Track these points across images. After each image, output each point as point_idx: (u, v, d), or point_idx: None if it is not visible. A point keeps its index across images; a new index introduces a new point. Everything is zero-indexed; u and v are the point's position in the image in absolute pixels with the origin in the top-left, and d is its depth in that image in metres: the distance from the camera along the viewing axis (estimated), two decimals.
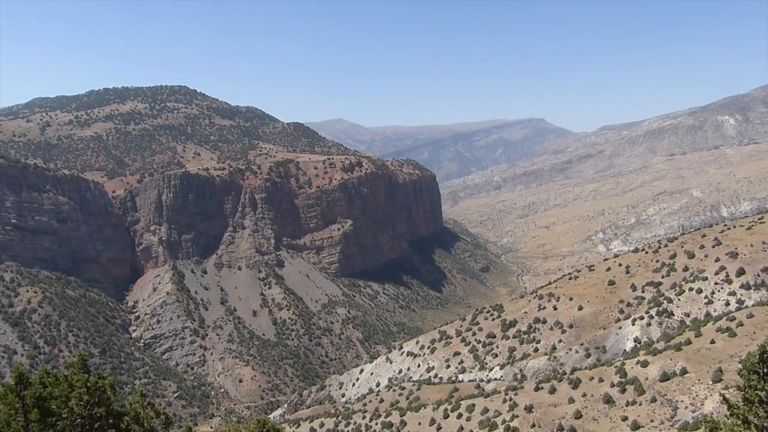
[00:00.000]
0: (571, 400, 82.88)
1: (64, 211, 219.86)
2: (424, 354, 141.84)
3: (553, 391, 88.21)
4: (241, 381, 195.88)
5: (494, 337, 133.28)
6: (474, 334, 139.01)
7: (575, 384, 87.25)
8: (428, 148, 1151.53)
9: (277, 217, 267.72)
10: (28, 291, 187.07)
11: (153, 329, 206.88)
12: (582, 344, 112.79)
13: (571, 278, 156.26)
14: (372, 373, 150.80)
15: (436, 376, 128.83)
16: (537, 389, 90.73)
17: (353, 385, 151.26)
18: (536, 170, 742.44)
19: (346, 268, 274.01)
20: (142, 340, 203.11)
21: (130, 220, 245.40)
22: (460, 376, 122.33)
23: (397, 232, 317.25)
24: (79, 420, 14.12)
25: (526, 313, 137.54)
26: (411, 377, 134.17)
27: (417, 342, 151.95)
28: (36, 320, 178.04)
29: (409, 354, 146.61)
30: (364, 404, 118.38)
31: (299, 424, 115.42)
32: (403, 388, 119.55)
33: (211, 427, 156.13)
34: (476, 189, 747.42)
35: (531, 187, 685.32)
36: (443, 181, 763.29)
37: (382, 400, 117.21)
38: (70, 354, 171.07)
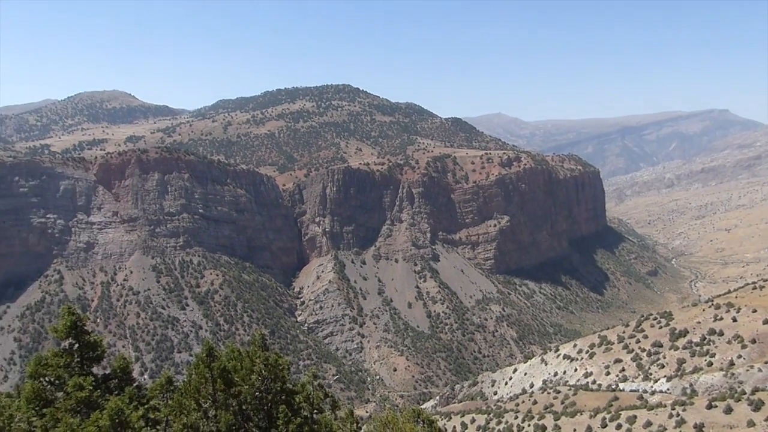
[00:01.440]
0: (751, 423, 74.26)
1: (241, 202, 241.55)
2: (582, 358, 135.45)
3: (729, 410, 79.73)
4: (395, 370, 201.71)
5: (661, 346, 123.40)
6: (638, 341, 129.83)
7: (757, 406, 78.04)
8: (592, 143, 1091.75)
9: (434, 211, 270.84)
10: (211, 274, 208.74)
11: (316, 314, 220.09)
12: (767, 362, 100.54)
13: (755, 288, 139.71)
14: (526, 374, 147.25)
15: (594, 382, 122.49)
16: (710, 407, 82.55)
17: (506, 383, 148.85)
18: (716, 167, 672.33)
19: (502, 265, 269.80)
20: (306, 324, 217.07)
21: (298, 212, 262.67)
22: (621, 385, 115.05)
23: (556, 230, 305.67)
24: (257, 393, 15.60)
25: (699, 323, 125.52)
26: (567, 381, 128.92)
27: (574, 345, 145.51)
28: (217, 300, 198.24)
29: (566, 357, 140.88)
30: (517, 404, 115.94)
31: (450, 418, 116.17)
32: (558, 392, 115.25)
33: (367, 412, 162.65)
34: (645, 186, 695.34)
35: (709, 185, 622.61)
36: (608, 177, 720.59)
37: (535, 402, 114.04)
38: (245, 332, 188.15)
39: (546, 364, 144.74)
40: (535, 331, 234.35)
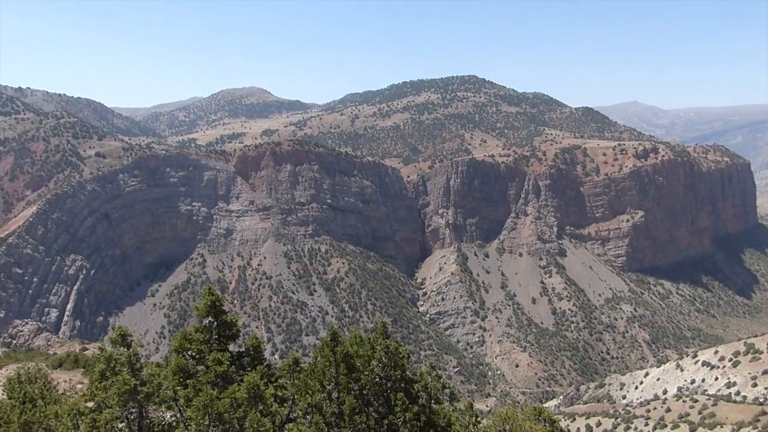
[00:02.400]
0: None
1: (367, 193, 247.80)
2: (724, 367, 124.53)
3: None
4: (517, 366, 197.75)
5: None
6: None
7: None
8: (742, 132, 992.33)
9: (561, 204, 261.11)
10: (337, 262, 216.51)
11: (438, 306, 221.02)
12: None
13: None
14: (658, 379, 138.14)
15: (738, 393, 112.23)
16: None
17: (636, 388, 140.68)
18: None
19: (634, 263, 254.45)
20: (427, 315, 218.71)
21: (421, 203, 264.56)
22: None
23: (696, 227, 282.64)
24: (377, 379, 16.07)
25: None
26: (705, 390, 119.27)
27: (716, 352, 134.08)
28: (343, 287, 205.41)
29: (705, 364, 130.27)
30: (648, 410, 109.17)
31: (574, 419, 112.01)
32: (696, 401, 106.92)
33: (487, 406, 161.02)
34: None
35: None
36: (760, 170, 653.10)
37: (669, 410, 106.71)
38: (369, 320, 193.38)
39: (682, 371, 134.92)
40: (670, 334, 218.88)
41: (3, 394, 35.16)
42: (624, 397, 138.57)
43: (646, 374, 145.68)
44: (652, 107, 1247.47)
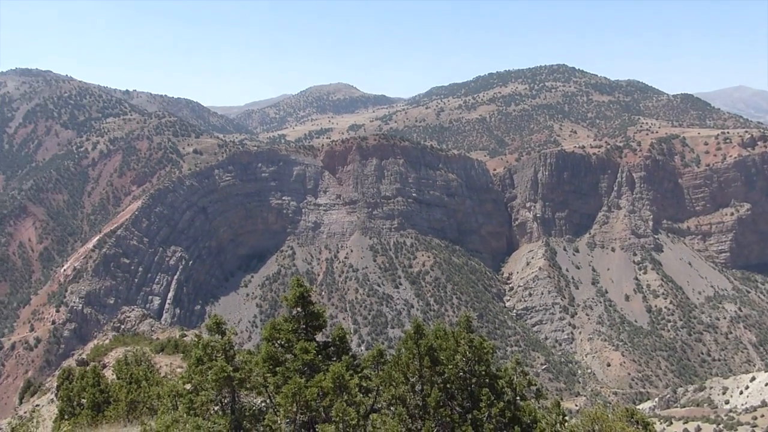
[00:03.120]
0: None
1: (452, 186, 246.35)
2: None
3: None
4: (608, 365, 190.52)
5: None
6: None
7: None
8: None
9: (657, 197, 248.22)
10: (423, 255, 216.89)
11: (525, 301, 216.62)
12: None
13: None
14: (767, 384, 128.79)
15: None
16: None
17: (741, 393, 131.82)
18: None
19: (739, 259, 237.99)
20: (514, 311, 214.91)
21: (508, 197, 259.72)
22: None
23: None
24: (461, 374, 16.00)
25: None
26: None
27: None
28: (428, 281, 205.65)
29: None
30: (754, 417, 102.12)
31: (671, 423, 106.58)
32: None
33: (576, 405, 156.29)
34: None
35: None
36: None
37: None
38: (454, 314, 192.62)
39: None
40: None
41: (113, 375, 38.02)
42: (727, 402, 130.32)
43: (753, 378, 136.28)
44: (761, 91, 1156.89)
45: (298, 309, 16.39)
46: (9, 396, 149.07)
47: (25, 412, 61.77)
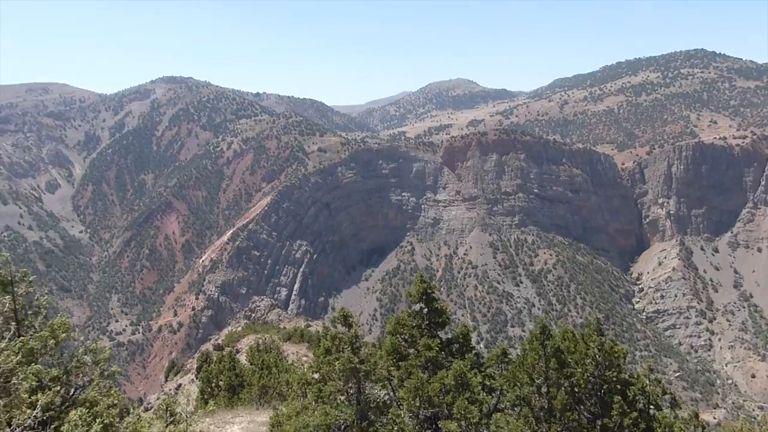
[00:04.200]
0: None
1: (576, 182, 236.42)
2: None
3: None
4: (753, 376, 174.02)
5: None
6: None
7: None
8: None
9: None
10: (545, 253, 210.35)
11: (656, 304, 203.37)
12: None
13: None
14: None
15: None
16: None
17: None
18: None
19: None
20: (644, 313, 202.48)
21: (638, 192, 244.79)
22: None
23: None
24: (590, 378, 15.36)
25: None
26: None
27: None
28: (550, 280, 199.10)
29: None
30: None
31: None
32: None
33: (714, 418, 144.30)
34: None
35: None
36: None
37: None
38: (578, 314, 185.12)
39: None
40: None
41: (246, 360, 40.62)
42: None
43: None
44: None
45: (422, 305, 16.54)
46: (156, 374, 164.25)
47: (170, 389, 67.66)
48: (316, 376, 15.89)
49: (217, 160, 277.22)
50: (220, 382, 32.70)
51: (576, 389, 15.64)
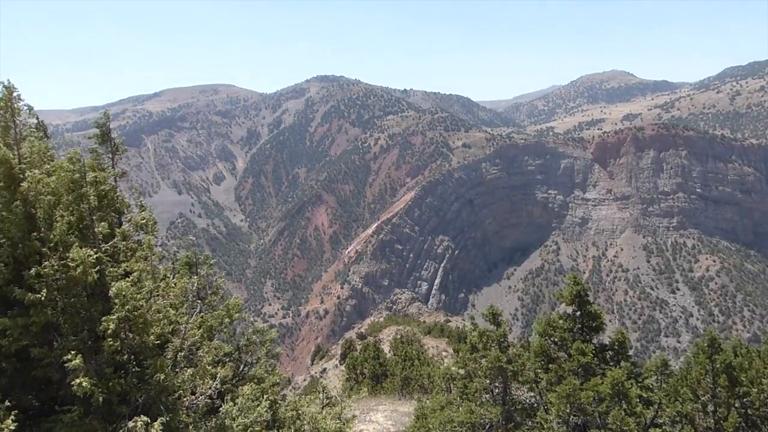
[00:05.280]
0: None
1: (748, 181, 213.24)
2: None
3: None
4: None
5: None
6: None
7: None
8: None
9: None
10: (707, 259, 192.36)
11: None
12: None
13: None
14: None
15: None
16: None
17: None
18: None
19: None
20: None
21: None
22: None
23: None
24: None
25: None
26: None
27: None
28: (712, 288, 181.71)
29: None
30: None
31: None
32: None
33: None
34: None
35: None
36: None
37: None
38: (744, 328, 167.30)
39: None
40: None
41: (389, 351, 41.67)
42: None
43: None
44: None
45: (574, 307, 15.84)
46: (303, 356, 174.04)
47: (315, 372, 71.36)
48: (461, 371, 15.84)
49: (365, 155, 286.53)
50: (365, 370, 33.80)
51: (750, 411, 14.10)
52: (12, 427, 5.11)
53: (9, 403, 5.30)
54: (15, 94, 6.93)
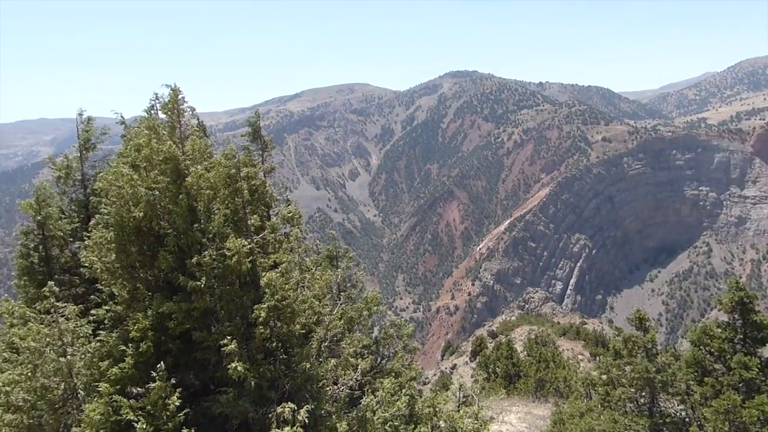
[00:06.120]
0: None
1: None
2: None
3: None
4: None
5: None
6: None
7: None
8: None
9: None
10: None
11: None
12: None
13: None
14: None
15: None
16: None
17: None
18: None
19: None
20: None
21: None
22: None
23: None
24: None
25: None
26: None
27: None
28: None
29: None
30: None
31: None
32: None
33: None
34: None
35: None
36: None
37: None
38: None
39: None
40: None
41: (522, 351, 40.63)
42: None
43: None
44: None
45: (735, 316, 14.35)
46: (433, 351, 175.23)
47: (445, 368, 71.42)
48: (603, 377, 14.99)
49: (497, 151, 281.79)
50: (497, 369, 33.23)
51: None
52: (177, 403, 5.55)
53: (174, 381, 5.77)
54: (180, 96, 7.51)
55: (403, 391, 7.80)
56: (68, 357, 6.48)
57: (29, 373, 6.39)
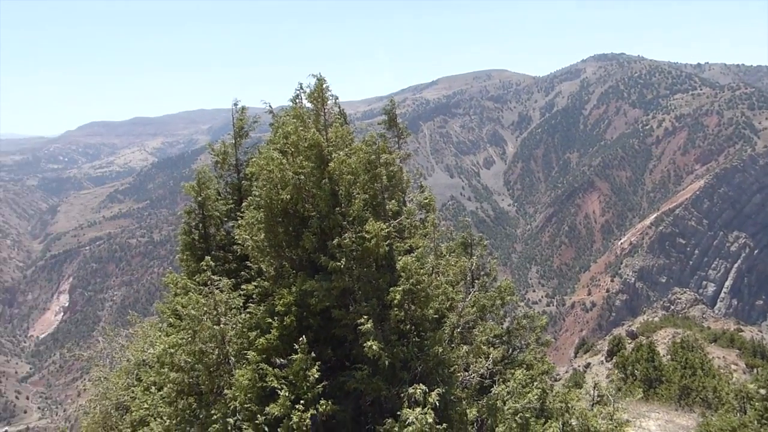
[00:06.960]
0: None
1: None
2: None
3: None
4: None
5: None
6: None
7: None
8: None
9: None
10: None
11: None
12: None
13: None
14: None
15: None
16: None
17: None
18: None
19: None
20: None
21: None
22: None
23: None
24: None
25: None
26: None
27: None
28: None
29: None
30: None
31: None
32: None
33: None
34: None
35: None
36: None
37: None
38: None
39: None
40: None
41: (664, 354, 37.99)
42: None
43: None
44: None
45: None
46: (565, 348, 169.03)
47: (578, 366, 68.68)
48: (762, 391, 13.64)
49: (645, 139, 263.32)
50: (636, 371, 31.40)
51: None
52: (316, 375, 5.92)
53: (314, 355, 6.14)
54: (324, 85, 7.89)
55: (535, 383, 7.65)
56: (222, 326, 7.13)
57: (189, 338, 7.13)
